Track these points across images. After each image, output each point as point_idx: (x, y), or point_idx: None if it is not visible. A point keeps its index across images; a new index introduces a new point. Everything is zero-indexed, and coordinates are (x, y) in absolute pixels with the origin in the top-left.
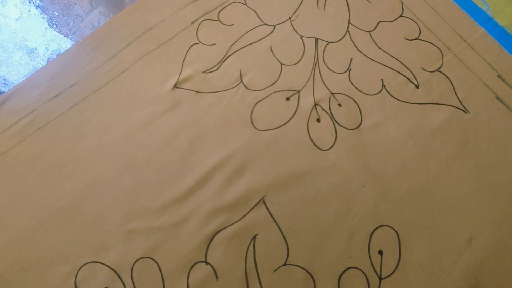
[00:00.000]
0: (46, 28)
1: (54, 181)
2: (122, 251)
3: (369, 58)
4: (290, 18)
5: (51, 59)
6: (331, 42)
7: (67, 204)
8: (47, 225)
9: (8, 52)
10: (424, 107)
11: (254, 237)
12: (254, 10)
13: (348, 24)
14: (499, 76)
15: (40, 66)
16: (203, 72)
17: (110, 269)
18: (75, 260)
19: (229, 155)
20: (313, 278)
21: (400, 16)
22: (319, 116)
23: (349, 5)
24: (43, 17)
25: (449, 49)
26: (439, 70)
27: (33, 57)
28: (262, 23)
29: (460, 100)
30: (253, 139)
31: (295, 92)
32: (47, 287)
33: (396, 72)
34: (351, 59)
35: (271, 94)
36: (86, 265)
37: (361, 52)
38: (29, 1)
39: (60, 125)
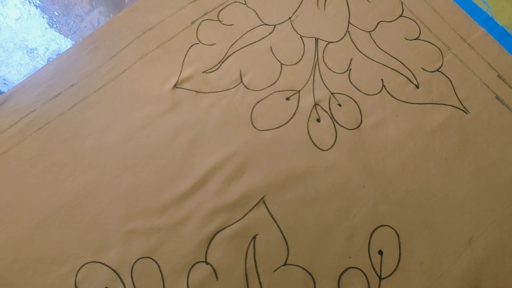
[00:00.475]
0: (46, 28)
1: (54, 181)
2: (122, 251)
3: (369, 58)
4: (290, 18)
5: (51, 59)
6: (331, 42)
7: (67, 204)
8: (47, 225)
9: (8, 52)
10: (424, 107)
11: (254, 237)
12: (254, 10)
13: (348, 24)
14: (499, 76)
15: (40, 66)
16: (203, 72)
17: (110, 269)
18: (75, 260)
19: (229, 155)
20: (313, 278)
21: (400, 16)
22: (319, 116)
23: (349, 5)
24: (43, 17)
25: (449, 49)
26: (439, 70)
27: (33, 57)
28: (262, 23)
29: (460, 100)
30: (253, 139)
31: (295, 92)
32: (47, 287)
33: (396, 72)
34: (351, 59)
35: (271, 94)
36: (86, 265)
37: (361, 52)
38: (29, 1)
39: (60, 125)
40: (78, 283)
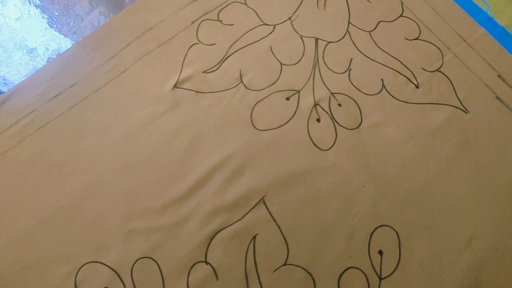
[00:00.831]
0: (46, 28)
1: (54, 181)
2: (122, 251)
3: (369, 58)
4: (290, 18)
5: (51, 59)
6: (331, 42)
7: (67, 204)
8: (47, 225)
9: (8, 52)
10: (424, 107)
11: (254, 237)
12: (254, 10)
13: (348, 24)
14: (499, 76)
15: (40, 66)
16: (203, 72)
17: (110, 269)
18: (75, 260)
19: (229, 155)
20: (313, 278)
21: (400, 16)
22: (319, 116)
23: (349, 5)
24: (43, 17)
25: (449, 49)
26: (439, 70)
27: (33, 57)
28: (262, 23)
29: (460, 100)
30: (253, 139)
31: (295, 92)
32: (47, 287)
33: (396, 72)
34: (351, 59)
35: (271, 94)
36: (86, 265)
37: (361, 52)
38: (29, 1)
39: (60, 125)
40: (78, 283)
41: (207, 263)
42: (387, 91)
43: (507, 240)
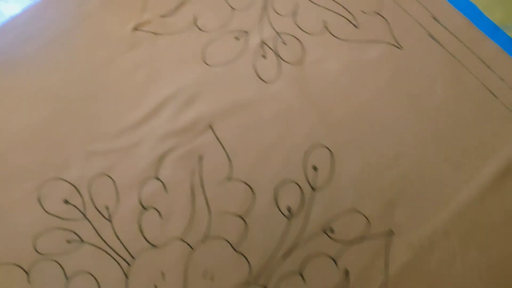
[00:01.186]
0: None
1: (25, 109)
2: (81, 169)
3: (313, 3)
4: None
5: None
6: None
7: (35, 129)
8: (15, 147)
9: None
10: (362, 45)
11: (201, 157)
12: None
13: None
14: (433, 17)
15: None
16: (161, 16)
17: (70, 184)
18: (39, 176)
19: (181, 87)
20: (252, 190)
21: None
22: (265, 53)
23: None
24: None
25: None
26: (378, 12)
27: (7, 7)
28: None
29: (396, 38)
30: (204, 73)
31: (244, 32)
32: (13, 199)
33: (338, 15)
34: (297, 4)
35: (222, 34)
36: (49, 181)
37: None
38: None
39: (32, 62)
40: (41, 197)
41: (157, 179)
42: (329, 31)
43: (429, 155)
